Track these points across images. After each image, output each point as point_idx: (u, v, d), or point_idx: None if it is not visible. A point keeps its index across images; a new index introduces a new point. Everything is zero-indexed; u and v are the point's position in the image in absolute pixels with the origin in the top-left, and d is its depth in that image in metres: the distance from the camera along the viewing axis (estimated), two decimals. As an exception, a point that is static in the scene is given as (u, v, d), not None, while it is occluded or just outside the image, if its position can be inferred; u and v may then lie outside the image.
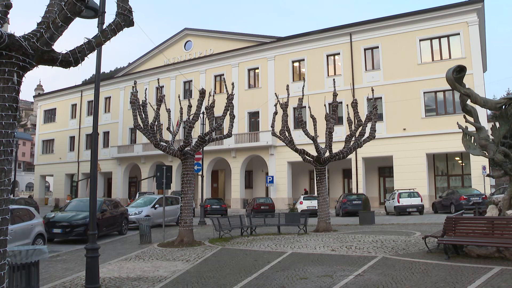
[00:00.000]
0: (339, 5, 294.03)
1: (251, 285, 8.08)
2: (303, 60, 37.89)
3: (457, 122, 12.82)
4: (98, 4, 8.68)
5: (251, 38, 42.30)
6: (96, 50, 6.33)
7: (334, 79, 21.71)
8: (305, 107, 21.78)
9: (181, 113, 18.13)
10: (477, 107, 12.07)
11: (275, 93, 22.40)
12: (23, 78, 4.38)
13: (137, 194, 37.33)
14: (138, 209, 21.88)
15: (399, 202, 26.87)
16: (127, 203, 31.81)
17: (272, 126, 19.94)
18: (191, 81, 43.73)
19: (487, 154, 11.34)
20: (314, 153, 18.83)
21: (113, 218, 18.26)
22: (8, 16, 4.49)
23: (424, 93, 32.18)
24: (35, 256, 6.38)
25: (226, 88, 16.61)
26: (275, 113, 20.15)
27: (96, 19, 8.75)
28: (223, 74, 41.07)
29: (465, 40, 31.21)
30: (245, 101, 39.70)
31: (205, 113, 16.26)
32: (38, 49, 4.33)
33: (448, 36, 32.10)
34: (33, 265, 6.38)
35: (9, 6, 4.33)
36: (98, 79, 9.06)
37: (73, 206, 18.25)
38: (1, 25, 4.22)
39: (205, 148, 25.90)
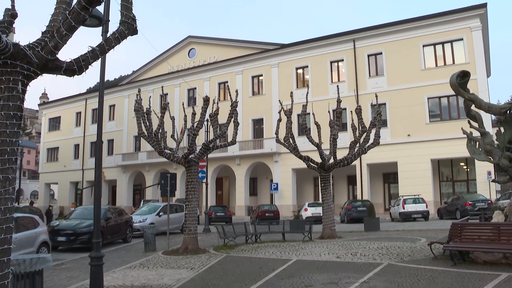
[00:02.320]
0: (342, 11, 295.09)
1: (256, 293, 8.04)
2: (307, 66, 37.94)
3: (462, 128, 12.78)
4: (102, 13, 8.74)
5: (255, 45, 42.42)
6: (100, 59, 6.35)
7: (338, 86, 21.76)
8: (309, 113, 21.76)
9: (185, 121, 18.16)
10: (482, 112, 12.00)
11: (279, 100, 22.46)
12: (28, 86, 4.39)
13: (142, 202, 37.30)
14: (142, 217, 21.90)
15: (404, 208, 26.75)
16: (131, 211, 31.77)
17: (277, 133, 19.93)
18: (195, 88, 43.86)
19: (492, 159, 11.27)
20: (319, 160, 18.79)
21: (117, 226, 18.27)
22: (14, 25, 4.53)
23: (428, 98, 32.11)
24: (39, 265, 6.36)
25: (230, 95, 16.63)
26: (279, 120, 20.15)
27: (100, 28, 8.81)
28: (227, 82, 41.15)
29: (469, 45, 31.18)
30: (249, 108, 39.74)
31: (209, 120, 16.29)
32: (43, 58, 4.34)
33: (451, 42, 32.07)
34: (37, 274, 6.36)
35: (14, 16, 4.37)
36: (102, 87, 9.10)
37: (77, 214, 18.29)
38: (6, 34, 4.25)
39: (209, 155, 25.84)
